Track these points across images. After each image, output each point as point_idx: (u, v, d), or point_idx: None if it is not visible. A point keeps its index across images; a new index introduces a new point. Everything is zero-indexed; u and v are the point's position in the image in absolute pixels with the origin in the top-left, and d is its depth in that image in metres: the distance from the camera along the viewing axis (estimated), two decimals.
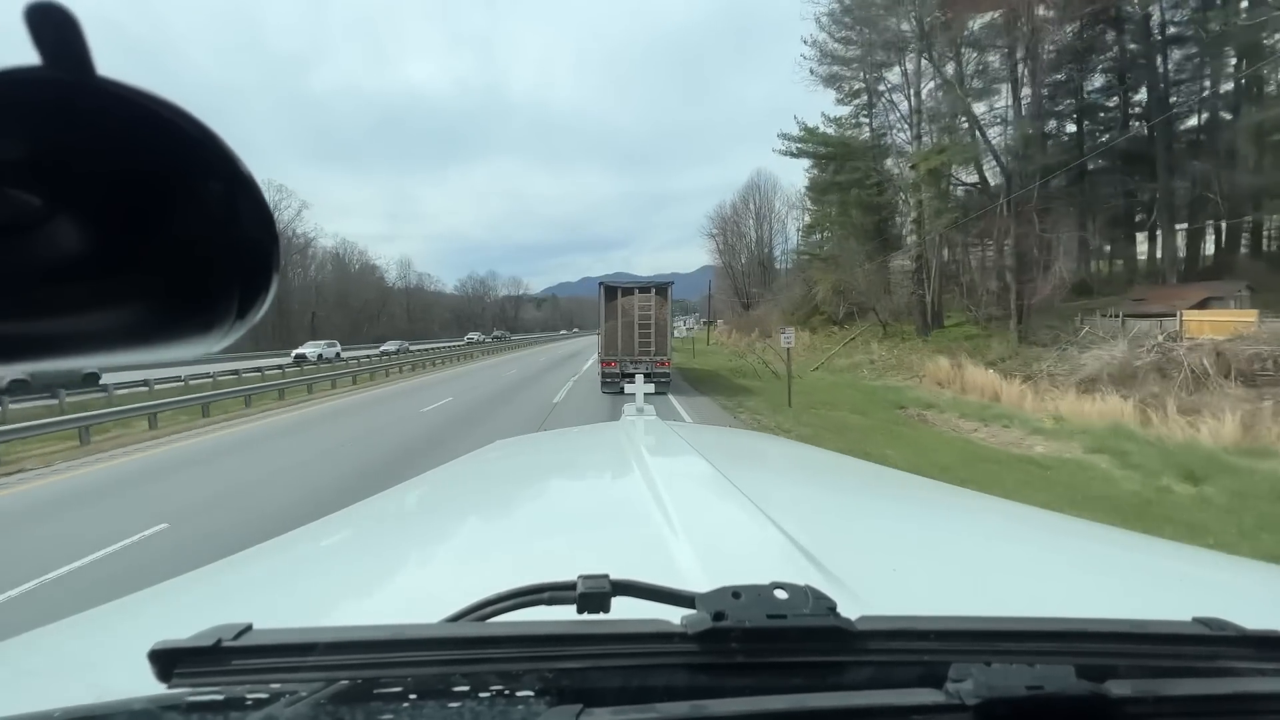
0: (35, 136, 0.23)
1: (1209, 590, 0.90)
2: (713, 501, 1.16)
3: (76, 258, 0.25)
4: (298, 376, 20.29)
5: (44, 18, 0.21)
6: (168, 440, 10.44)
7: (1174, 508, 6.03)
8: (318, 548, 1.24)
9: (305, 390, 18.04)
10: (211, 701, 0.42)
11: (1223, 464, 7.70)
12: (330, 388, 19.30)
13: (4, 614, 3.89)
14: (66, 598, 4.07)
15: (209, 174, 0.27)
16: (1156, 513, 5.78)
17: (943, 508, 1.43)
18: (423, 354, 34.16)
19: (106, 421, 10.92)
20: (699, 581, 0.60)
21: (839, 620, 0.45)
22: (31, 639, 0.80)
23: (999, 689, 0.39)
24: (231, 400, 14.58)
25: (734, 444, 2.37)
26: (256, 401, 14.97)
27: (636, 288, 14.81)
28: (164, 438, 10.68)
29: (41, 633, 0.82)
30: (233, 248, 0.28)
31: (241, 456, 8.75)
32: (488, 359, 36.77)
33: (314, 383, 19.11)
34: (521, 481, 1.71)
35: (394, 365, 25.67)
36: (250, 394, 14.96)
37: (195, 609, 0.92)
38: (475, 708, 0.40)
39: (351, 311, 70.97)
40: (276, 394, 16.50)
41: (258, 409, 14.42)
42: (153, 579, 1.05)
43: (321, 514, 1.44)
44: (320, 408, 14.62)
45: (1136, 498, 6.45)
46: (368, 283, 80.00)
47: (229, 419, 12.91)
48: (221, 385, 17.30)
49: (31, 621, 0.85)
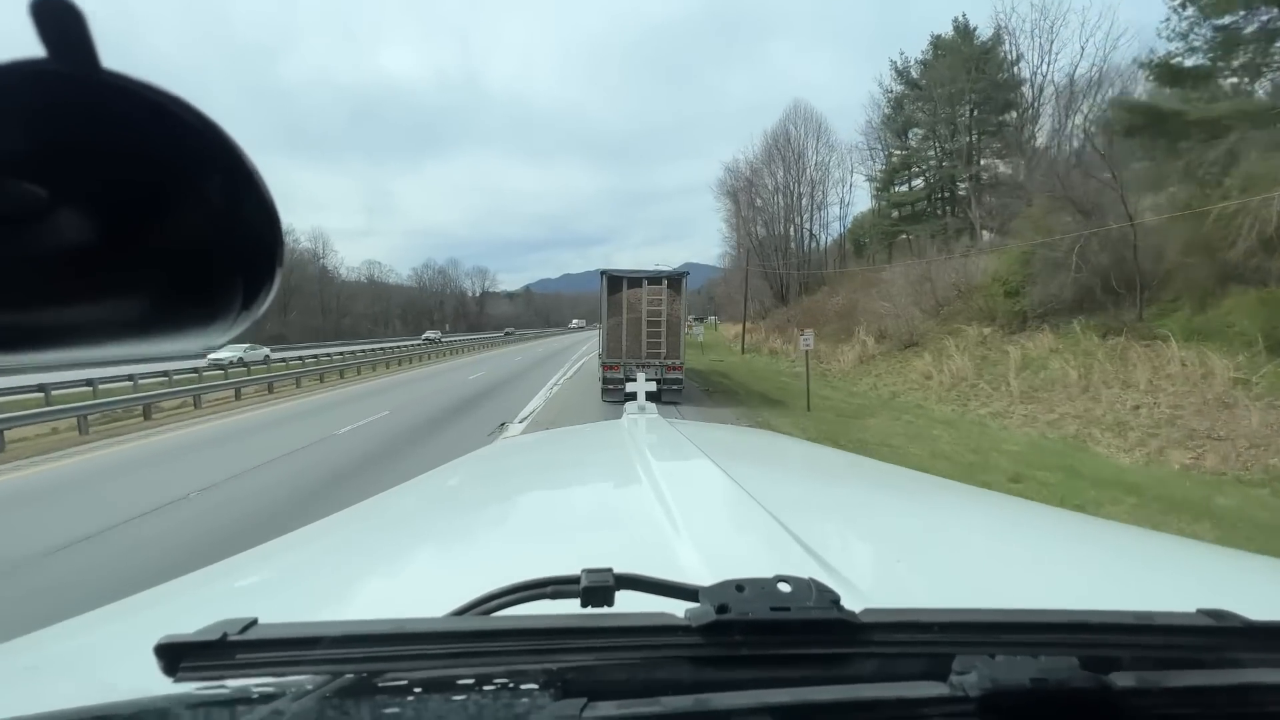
0: (41, 129, 0.23)
1: (1213, 582, 0.90)
2: (715, 498, 1.19)
3: (81, 249, 0.25)
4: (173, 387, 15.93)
5: (49, 11, 0.21)
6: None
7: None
8: (322, 545, 1.24)
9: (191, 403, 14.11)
10: (217, 695, 0.42)
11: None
12: (234, 398, 15.47)
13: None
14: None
15: (213, 167, 0.26)
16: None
17: (945, 503, 1.43)
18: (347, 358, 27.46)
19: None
20: (702, 577, 0.58)
21: (843, 613, 0.45)
22: (38, 638, 0.82)
23: (1003, 681, 0.39)
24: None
25: (736, 441, 2.40)
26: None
27: (645, 278, 12.82)
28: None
29: (48, 631, 0.83)
30: (236, 241, 0.28)
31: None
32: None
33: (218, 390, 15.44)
34: (524, 479, 1.71)
35: (333, 369, 22.31)
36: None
37: (201, 606, 0.92)
38: (479, 701, 0.40)
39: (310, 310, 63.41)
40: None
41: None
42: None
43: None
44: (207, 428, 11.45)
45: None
46: (310, 275, 69.52)
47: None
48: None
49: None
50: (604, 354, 12.83)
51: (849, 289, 28.35)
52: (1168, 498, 6.29)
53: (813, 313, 28.85)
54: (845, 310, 25.18)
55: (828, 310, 27.24)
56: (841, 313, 25.52)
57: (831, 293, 29.99)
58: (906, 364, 15.72)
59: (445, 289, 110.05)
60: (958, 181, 32.92)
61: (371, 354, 29.16)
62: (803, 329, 28.78)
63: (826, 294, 30.50)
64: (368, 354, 29.11)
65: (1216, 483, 6.95)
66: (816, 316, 27.62)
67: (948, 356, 14.14)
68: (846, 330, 22.27)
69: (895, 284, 20.98)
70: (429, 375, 22.37)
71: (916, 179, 35.92)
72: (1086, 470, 7.35)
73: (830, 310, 26.99)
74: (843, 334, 22.25)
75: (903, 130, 35.72)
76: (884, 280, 26.18)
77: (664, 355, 12.52)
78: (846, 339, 21.44)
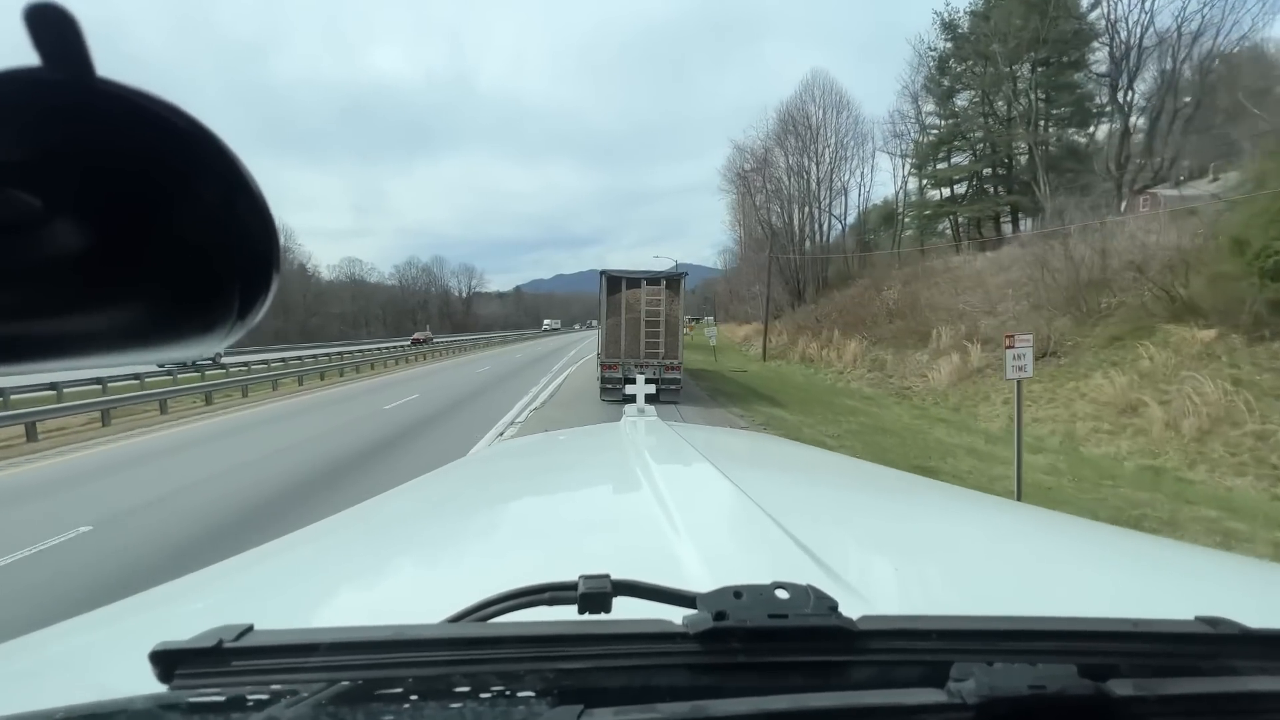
0: (35, 137, 0.23)
1: (1212, 589, 0.90)
2: (714, 501, 1.17)
3: (76, 259, 0.24)
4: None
5: (43, 19, 0.21)
6: None
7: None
8: (319, 549, 1.22)
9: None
10: (213, 702, 0.42)
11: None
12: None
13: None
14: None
15: (209, 175, 0.26)
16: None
17: (944, 507, 1.41)
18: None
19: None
20: (701, 581, 0.60)
21: (841, 620, 0.45)
22: (33, 640, 0.81)
23: (1001, 689, 0.39)
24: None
25: (735, 444, 2.37)
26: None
27: (644, 279, 12.95)
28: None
29: (43, 634, 0.83)
30: (232, 248, 0.28)
31: None
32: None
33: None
34: (522, 482, 1.69)
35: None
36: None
37: (196, 610, 0.92)
38: (476, 708, 0.40)
39: (272, 309, 54.91)
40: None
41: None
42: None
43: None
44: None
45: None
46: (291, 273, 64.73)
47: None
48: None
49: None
50: (603, 353, 12.90)
51: (893, 281, 22.95)
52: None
53: (851, 311, 23.42)
54: (903, 307, 19.78)
55: (874, 308, 21.80)
56: (896, 310, 20.13)
57: (870, 285, 24.53)
58: (1058, 385, 10.31)
59: (430, 288, 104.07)
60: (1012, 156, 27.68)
61: (311, 362, 24.08)
62: (843, 330, 23.29)
63: (864, 287, 25.00)
64: (304, 362, 24.23)
65: None
66: (859, 316, 22.18)
67: (1166, 380, 8.61)
68: (912, 333, 16.93)
69: (984, 273, 15.64)
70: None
71: (960, 154, 30.61)
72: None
73: (877, 308, 21.55)
74: (908, 338, 16.92)
75: (945, 97, 30.41)
76: (952, 270, 20.80)
77: (663, 355, 12.57)
78: (914, 344, 16.13)
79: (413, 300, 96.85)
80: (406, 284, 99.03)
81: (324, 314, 69.56)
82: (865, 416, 11.05)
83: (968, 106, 29.37)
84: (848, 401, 13.09)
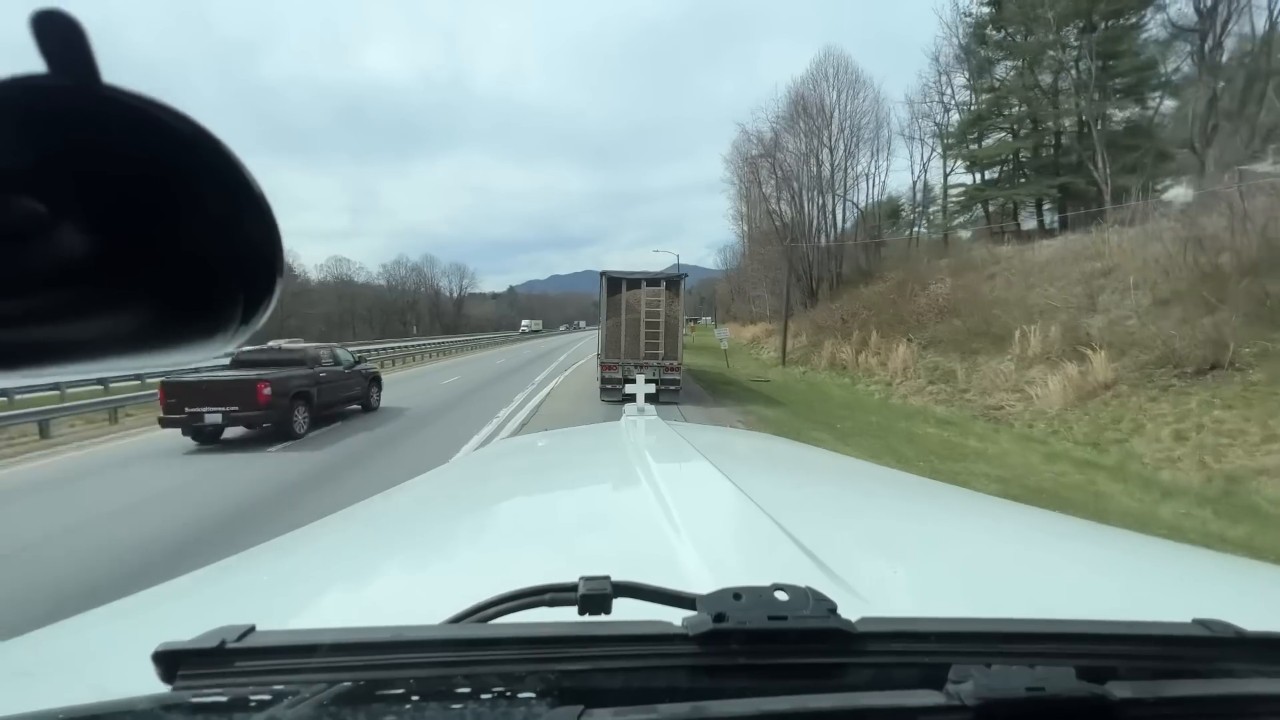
0: (41, 144, 0.23)
1: (1209, 591, 0.89)
2: (714, 502, 1.17)
3: (81, 264, 0.24)
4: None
5: (50, 25, 0.21)
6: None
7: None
8: (320, 549, 1.22)
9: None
10: (215, 703, 0.42)
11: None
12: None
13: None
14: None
15: (213, 180, 0.26)
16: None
17: (943, 508, 1.41)
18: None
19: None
20: (701, 582, 0.58)
21: (839, 622, 0.45)
22: (34, 639, 0.81)
23: (999, 690, 0.39)
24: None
25: (735, 444, 2.37)
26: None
27: (644, 280, 12.96)
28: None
29: (44, 633, 0.82)
30: (236, 253, 0.28)
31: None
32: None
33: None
34: (522, 482, 1.69)
35: None
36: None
37: (198, 610, 0.91)
38: (477, 709, 0.40)
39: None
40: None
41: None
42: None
43: None
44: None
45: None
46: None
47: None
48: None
49: None
50: (603, 354, 13.04)
51: (941, 274, 19.76)
52: None
53: (886, 309, 20.21)
54: (957, 303, 16.60)
55: (918, 305, 18.60)
56: (948, 307, 16.94)
57: (907, 279, 21.32)
58: (1269, 414, 7.06)
59: (419, 288, 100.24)
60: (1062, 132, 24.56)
61: None
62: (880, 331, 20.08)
63: (898, 281, 21.76)
64: None
65: None
66: (899, 314, 18.98)
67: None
68: (979, 335, 13.76)
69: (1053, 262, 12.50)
70: None
71: (996, 133, 27.47)
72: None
73: (923, 305, 18.35)
74: (974, 341, 13.76)
75: (981, 69, 27.25)
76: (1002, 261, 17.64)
77: (662, 356, 12.59)
78: (987, 349, 13.00)
79: (401, 300, 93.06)
80: (395, 284, 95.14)
81: (304, 314, 65.81)
82: (973, 458, 7.78)
83: (1007, 79, 26.21)
84: (926, 429, 9.83)
